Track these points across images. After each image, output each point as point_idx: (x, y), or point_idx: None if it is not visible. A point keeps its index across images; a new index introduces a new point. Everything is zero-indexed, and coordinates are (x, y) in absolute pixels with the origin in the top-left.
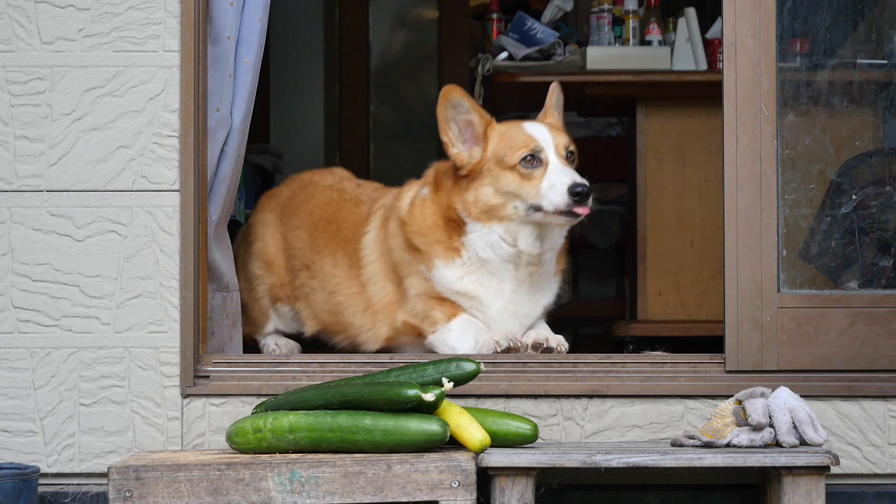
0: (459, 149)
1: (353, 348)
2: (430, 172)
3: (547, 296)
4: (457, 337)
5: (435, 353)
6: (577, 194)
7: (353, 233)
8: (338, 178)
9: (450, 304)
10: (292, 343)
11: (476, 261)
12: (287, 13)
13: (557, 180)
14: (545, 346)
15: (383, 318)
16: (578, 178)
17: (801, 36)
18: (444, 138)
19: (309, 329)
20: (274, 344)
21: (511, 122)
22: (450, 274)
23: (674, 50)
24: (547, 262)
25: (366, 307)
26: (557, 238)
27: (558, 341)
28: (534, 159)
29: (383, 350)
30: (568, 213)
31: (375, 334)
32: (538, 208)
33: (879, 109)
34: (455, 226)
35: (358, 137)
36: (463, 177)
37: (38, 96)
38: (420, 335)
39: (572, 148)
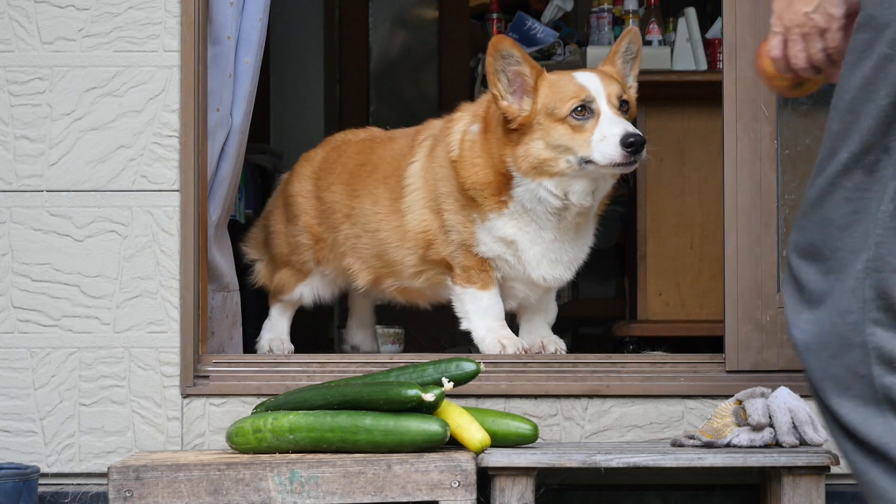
0: (510, 101)
1: (404, 294)
2: (482, 102)
3: (590, 239)
4: (475, 310)
5: (453, 299)
6: (629, 145)
7: (392, 167)
8: (370, 133)
9: (487, 273)
10: (287, 345)
11: (520, 209)
12: (287, 13)
13: (609, 131)
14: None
15: (413, 246)
16: (631, 128)
17: None
18: (494, 91)
19: (362, 281)
20: (268, 347)
21: (563, 72)
22: (498, 224)
23: (674, 50)
24: (594, 209)
25: (406, 239)
26: (608, 187)
27: (556, 347)
28: (584, 110)
29: (421, 290)
30: (621, 164)
31: (414, 268)
32: (589, 161)
33: None
34: (504, 179)
35: None
36: (513, 129)
37: (38, 96)
38: (449, 269)
39: (626, 97)
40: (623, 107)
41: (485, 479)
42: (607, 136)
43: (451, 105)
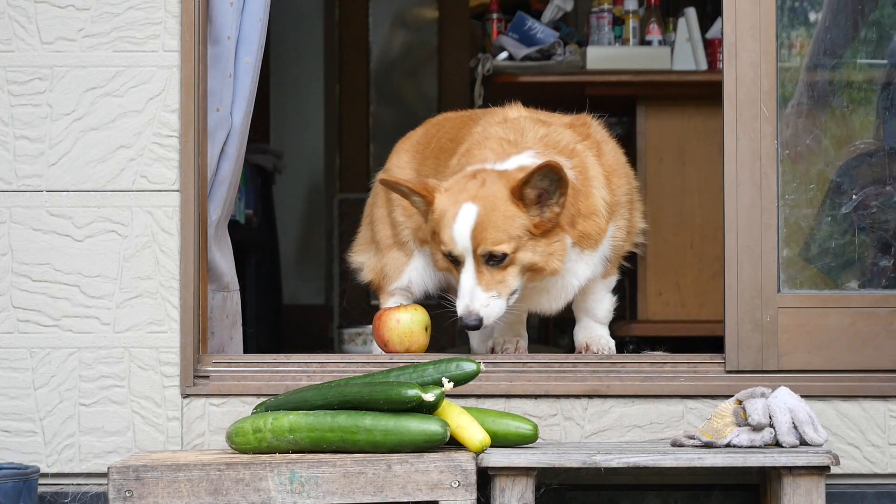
0: (421, 212)
1: None
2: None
3: (574, 278)
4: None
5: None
6: (464, 325)
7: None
8: (471, 111)
9: None
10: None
11: None
12: (287, 13)
13: (460, 295)
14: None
15: None
16: (472, 305)
17: (801, 36)
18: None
19: None
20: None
21: (453, 198)
22: None
23: (674, 50)
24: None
25: None
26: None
27: (598, 347)
28: (453, 258)
29: None
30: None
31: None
32: None
33: (879, 109)
34: None
35: (358, 137)
36: None
37: (38, 96)
38: None
39: (503, 249)
40: (492, 261)
41: (485, 479)
42: (458, 301)
43: (451, 105)
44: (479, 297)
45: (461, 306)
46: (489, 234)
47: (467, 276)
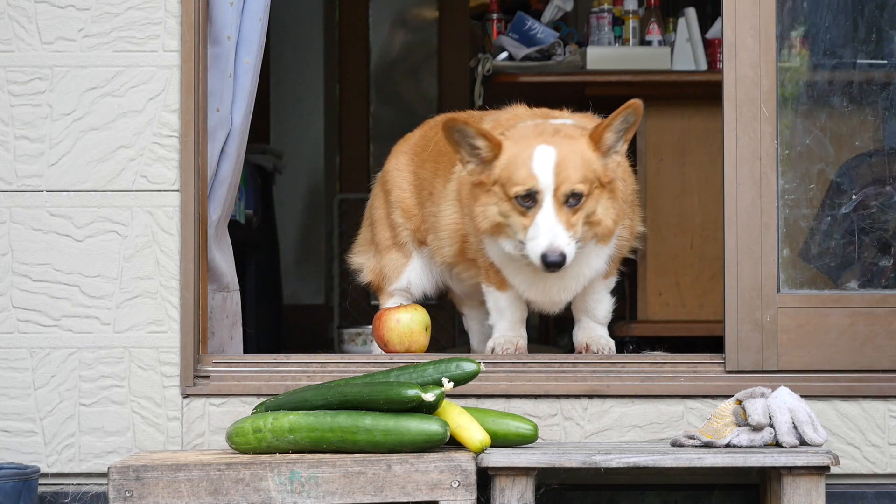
0: (473, 165)
1: (477, 289)
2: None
3: (592, 265)
4: (494, 308)
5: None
6: (546, 265)
7: None
8: (468, 113)
9: (500, 273)
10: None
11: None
12: (287, 13)
13: (537, 235)
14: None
15: (447, 237)
16: (556, 242)
17: (801, 36)
18: (458, 156)
19: (438, 260)
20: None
21: (527, 142)
22: (487, 244)
23: (674, 50)
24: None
25: (440, 228)
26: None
27: (598, 348)
28: (529, 198)
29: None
30: (542, 269)
31: (450, 259)
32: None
33: (879, 109)
34: None
35: (358, 137)
36: (476, 185)
37: (38, 96)
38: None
39: (580, 188)
40: (571, 201)
41: (485, 479)
42: (535, 240)
43: (451, 105)
44: (561, 235)
45: (544, 243)
46: (571, 172)
47: (548, 213)
